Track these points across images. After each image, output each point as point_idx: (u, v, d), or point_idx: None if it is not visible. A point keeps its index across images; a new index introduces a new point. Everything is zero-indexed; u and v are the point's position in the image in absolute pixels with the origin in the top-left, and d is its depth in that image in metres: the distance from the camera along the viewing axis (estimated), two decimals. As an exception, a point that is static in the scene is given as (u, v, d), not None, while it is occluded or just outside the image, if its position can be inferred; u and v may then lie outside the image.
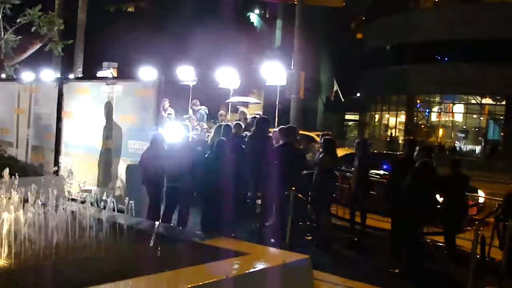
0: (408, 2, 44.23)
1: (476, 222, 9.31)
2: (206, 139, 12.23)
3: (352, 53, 52.91)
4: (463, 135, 42.20)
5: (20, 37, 12.21)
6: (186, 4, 35.37)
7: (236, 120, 14.72)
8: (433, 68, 39.56)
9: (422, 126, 44.10)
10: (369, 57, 47.61)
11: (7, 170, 6.45)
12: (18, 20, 11.98)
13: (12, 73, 14.43)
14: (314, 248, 10.00)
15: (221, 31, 31.42)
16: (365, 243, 11.03)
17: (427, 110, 44.46)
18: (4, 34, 11.97)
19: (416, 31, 39.99)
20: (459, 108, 42.67)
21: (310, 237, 10.85)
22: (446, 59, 40.18)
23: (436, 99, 44.05)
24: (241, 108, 16.16)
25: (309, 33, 25.34)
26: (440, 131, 43.31)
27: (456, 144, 40.27)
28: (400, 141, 41.29)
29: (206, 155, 9.86)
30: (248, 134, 11.69)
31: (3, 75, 14.36)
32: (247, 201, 11.18)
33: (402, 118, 45.22)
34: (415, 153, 9.31)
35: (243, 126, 12.36)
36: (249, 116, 15.26)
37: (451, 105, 43.15)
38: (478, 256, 8.18)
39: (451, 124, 43.16)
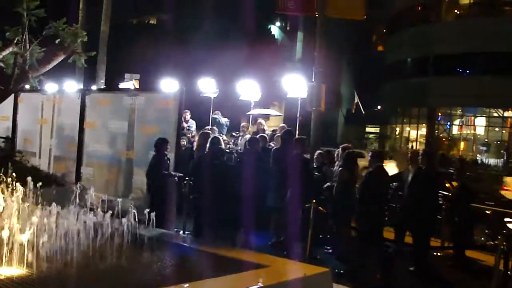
0: (429, 14, 44.00)
1: (499, 236, 9.19)
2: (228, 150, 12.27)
3: (373, 65, 52.73)
4: (485, 148, 41.74)
5: (44, 49, 12.35)
6: (207, 17, 35.59)
7: (254, 132, 14.74)
8: (454, 81, 39.25)
9: (443, 139, 43.70)
10: (390, 69, 47.40)
11: (29, 180, 6.51)
12: (43, 33, 12.11)
13: (37, 84, 14.57)
14: (334, 261, 9.94)
15: (242, 44, 31.59)
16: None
17: (449, 123, 44.07)
18: (29, 46, 12.08)
19: (437, 44, 39.76)
20: (481, 121, 42.24)
21: (330, 250, 10.78)
22: (467, 71, 39.85)
23: (458, 112, 43.66)
24: (259, 120, 16.11)
25: (330, 46, 25.30)
26: (462, 144, 42.88)
27: (478, 157, 39.82)
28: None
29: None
30: (273, 147, 11.72)
31: (28, 86, 14.53)
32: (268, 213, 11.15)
33: (423, 131, 44.86)
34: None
35: (267, 138, 12.39)
36: (266, 128, 15.25)
37: (472, 118, 42.72)
38: (501, 270, 8.08)
39: (472, 137, 42.71)
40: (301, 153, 10.50)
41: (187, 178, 10.46)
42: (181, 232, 10.33)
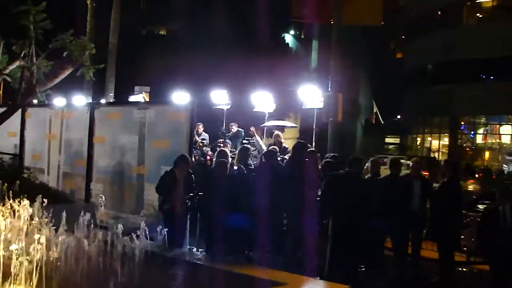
0: (450, 18, 43.85)
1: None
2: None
3: (392, 73, 52.65)
4: (511, 157, 41.39)
5: (51, 62, 12.48)
6: (218, 26, 35.73)
7: (270, 145, 14.71)
8: (477, 88, 39.00)
9: (467, 148, 43.43)
10: (410, 77, 47.30)
11: (39, 197, 6.56)
12: (50, 45, 12.24)
13: (44, 99, 14.73)
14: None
15: (255, 53, 31.64)
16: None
17: (472, 132, 43.81)
18: (36, 60, 12.21)
19: (459, 49, 39.59)
20: (506, 129, 41.92)
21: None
22: (491, 77, 39.62)
23: (482, 120, 43.42)
24: (276, 132, 16.10)
25: (347, 54, 25.36)
26: (486, 154, 42.56)
27: (504, 167, 39.48)
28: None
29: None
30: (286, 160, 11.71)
31: (35, 101, 14.66)
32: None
33: (446, 140, 44.63)
34: (444, 168, 10.02)
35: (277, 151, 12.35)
36: (283, 140, 15.22)
37: (497, 126, 42.44)
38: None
39: (498, 146, 42.39)
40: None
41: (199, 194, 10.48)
42: (194, 250, 10.35)
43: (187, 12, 36.58)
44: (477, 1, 42.91)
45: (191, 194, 9.97)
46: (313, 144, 16.13)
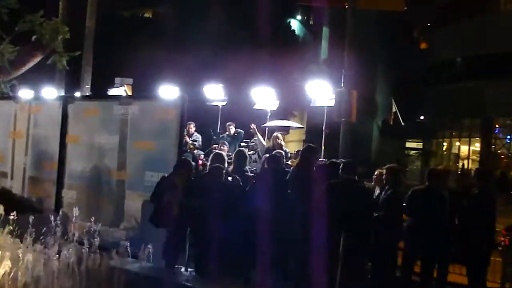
0: (484, 4, 43.76)
1: None
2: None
3: (415, 67, 52.67)
4: (553, 166, 41.46)
5: (18, 47, 12.42)
6: (214, 10, 35.71)
7: (268, 148, 14.68)
8: (515, 85, 39.00)
9: (502, 155, 43.39)
10: (436, 71, 47.30)
11: (0, 207, 6.53)
12: (16, 28, 12.17)
13: (8, 90, 14.71)
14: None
15: (256, 42, 31.69)
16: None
17: (508, 137, 43.80)
18: (0, 44, 12.21)
19: (494, 40, 39.52)
20: (548, 133, 41.99)
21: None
22: (531, 74, 39.61)
23: (520, 123, 43.44)
24: (275, 133, 15.98)
25: (363, 43, 25.40)
26: (525, 162, 42.57)
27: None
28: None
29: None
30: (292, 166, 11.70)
31: (-2, 93, 14.65)
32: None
33: (477, 146, 44.62)
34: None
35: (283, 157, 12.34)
36: (284, 143, 15.18)
37: (538, 130, 42.48)
38: None
39: (538, 154, 42.42)
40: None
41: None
42: (182, 269, 10.31)
43: (178, -8, 36.68)
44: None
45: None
46: (322, 148, 16.13)
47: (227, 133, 17.02)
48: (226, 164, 11.01)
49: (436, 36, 49.54)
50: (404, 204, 10.09)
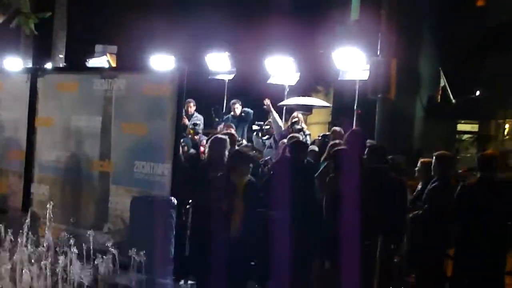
0: None
1: None
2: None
3: (470, 30, 52.45)
4: None
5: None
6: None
7: (283, 131, 14.67)
8: None
9: None
10: (496, 36, 47.08)
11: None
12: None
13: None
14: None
15: (268, 1, 31.64)
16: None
17: None
18: (-46, 5, 12.26)
19: None
20: None
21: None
22: None
23: None
24: (295, 113, 15.85)
25: (403, 1, 25.27)
26: None
27: None
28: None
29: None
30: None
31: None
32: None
33: (547, 128, 44.59)
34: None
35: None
36: (304, 126, 15.15)
37: None
38: None
39: None
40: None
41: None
42: (182, 282, 10.41)
43: None
44: None
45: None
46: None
47: (231, 113, 17.00)
48: (226, 152, 11.02)
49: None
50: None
